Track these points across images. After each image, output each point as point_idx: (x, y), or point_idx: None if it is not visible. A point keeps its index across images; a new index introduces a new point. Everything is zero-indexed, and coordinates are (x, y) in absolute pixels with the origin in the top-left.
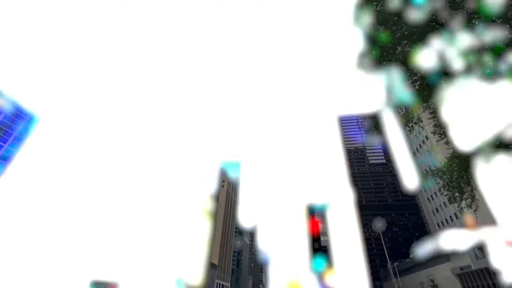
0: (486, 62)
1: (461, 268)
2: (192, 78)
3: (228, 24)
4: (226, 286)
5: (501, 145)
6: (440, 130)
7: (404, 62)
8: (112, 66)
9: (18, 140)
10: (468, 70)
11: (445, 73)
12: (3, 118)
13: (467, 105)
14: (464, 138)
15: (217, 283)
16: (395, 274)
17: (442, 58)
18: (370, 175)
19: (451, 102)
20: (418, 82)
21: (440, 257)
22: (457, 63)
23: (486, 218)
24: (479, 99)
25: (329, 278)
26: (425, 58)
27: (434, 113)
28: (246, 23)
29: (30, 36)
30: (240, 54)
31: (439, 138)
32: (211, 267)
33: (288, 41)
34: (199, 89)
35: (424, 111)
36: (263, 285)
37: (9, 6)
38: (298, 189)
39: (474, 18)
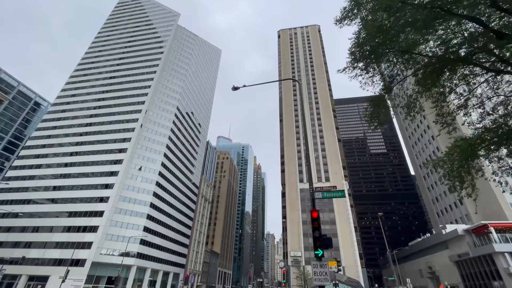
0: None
1: (459, 256)
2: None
3: None
4: (228, 274)
5: (503, 134)
6: (443, 119)
7: (407, 50)
8: None
9: None
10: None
11: (449, 60)
12: None
13: (471, 94)
14: (466, 127)
15: (219, 271)
16: (394, 261)
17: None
18: (371, 164)
19: (454, 91)
20: (421, 71)
21: (438, 245)
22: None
23: (485, 207)
24: (484, 89)
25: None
26: (429, 45)
27: (437, 102)
28: None
29: None
30: None
31: (441, 128)
32: (214, 255)
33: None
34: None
35: (426, 100)
36: (264, 272)
37: None
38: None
39: (480, 4)
